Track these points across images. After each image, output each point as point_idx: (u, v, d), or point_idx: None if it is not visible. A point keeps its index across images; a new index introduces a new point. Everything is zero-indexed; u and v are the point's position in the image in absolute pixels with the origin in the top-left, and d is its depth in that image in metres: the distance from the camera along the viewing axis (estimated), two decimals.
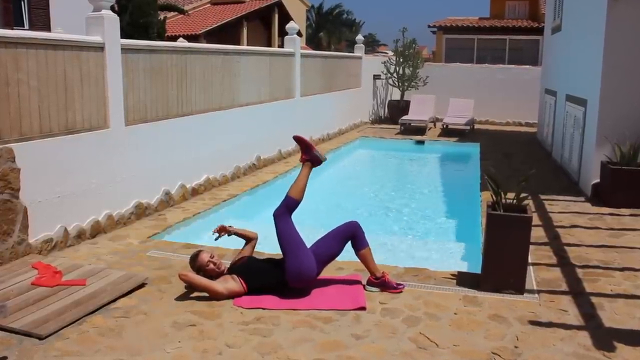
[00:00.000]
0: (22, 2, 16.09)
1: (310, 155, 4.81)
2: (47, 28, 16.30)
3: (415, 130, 15.44)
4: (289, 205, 4.61)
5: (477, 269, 4.93)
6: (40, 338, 3.76)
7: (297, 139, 4.88)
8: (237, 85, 9.12)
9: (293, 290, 4.52)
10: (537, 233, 6.26)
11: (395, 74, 17.69)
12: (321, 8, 53.14)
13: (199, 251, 4.69)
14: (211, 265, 4.57)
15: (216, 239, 4.88)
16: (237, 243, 5.18)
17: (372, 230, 5.68)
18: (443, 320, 4.18)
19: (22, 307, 4.13)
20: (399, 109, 17.18)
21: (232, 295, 4.44)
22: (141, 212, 6.74)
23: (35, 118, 5.32)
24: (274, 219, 4.58)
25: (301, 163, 4.84)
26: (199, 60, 7.98)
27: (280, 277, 4.50)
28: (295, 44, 11.51)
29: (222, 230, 4.86)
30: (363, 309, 4.32)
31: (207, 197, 7.83)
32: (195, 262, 4.61)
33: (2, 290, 4.38)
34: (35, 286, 4.49)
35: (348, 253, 4.76)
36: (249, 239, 5.06)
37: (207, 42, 22.11)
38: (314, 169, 4.85)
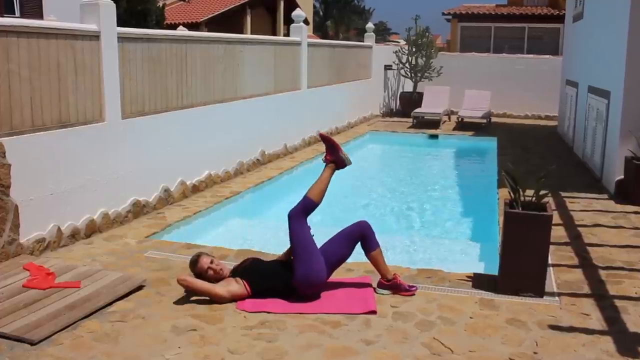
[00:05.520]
0: None
1: (335, 157, 4.76)
2: (40, 16, 16.35)
3: (428, 124, 15.41)
4: (307, 207, 4.58)
5: (494, 271, 4.91)
6: (32, 343, 3.76)
7: (324, 138, 4.83)
8: (240, 77, 9.11)
9: (300, 294, 4.51)
10: (558, 232, 6.22)
11: (407, 64, 17.64)
12: None
13: (199, 256, 4.67)
14: (210, 272, 4.55)
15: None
16: (241, 244, 5.18)
17: (382, 229, 5.66)
18: (458, 325, 4.16)
19: (13, 311, 4.14)
20: (411, 101, 17.14)
21: (234, 299, 4.43)
22: (139, 210, 6.74)
23: (26, 111, 5.32)
24: (289, 219, 4.56)
25: (324, 163, 4.79)
26: (199, 49, 7.97)
27: (287, 280, 4.49)
28: (301, 33, 11.50)
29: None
30: (373, 312, 4.31)
31: (209, 195, 7.83)
32: (195, 268, 4.60)
33: None
34: (26, 289, 4.50)
35: (357, 254, 4.74)
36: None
37: (208, 31, 22.13)
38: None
